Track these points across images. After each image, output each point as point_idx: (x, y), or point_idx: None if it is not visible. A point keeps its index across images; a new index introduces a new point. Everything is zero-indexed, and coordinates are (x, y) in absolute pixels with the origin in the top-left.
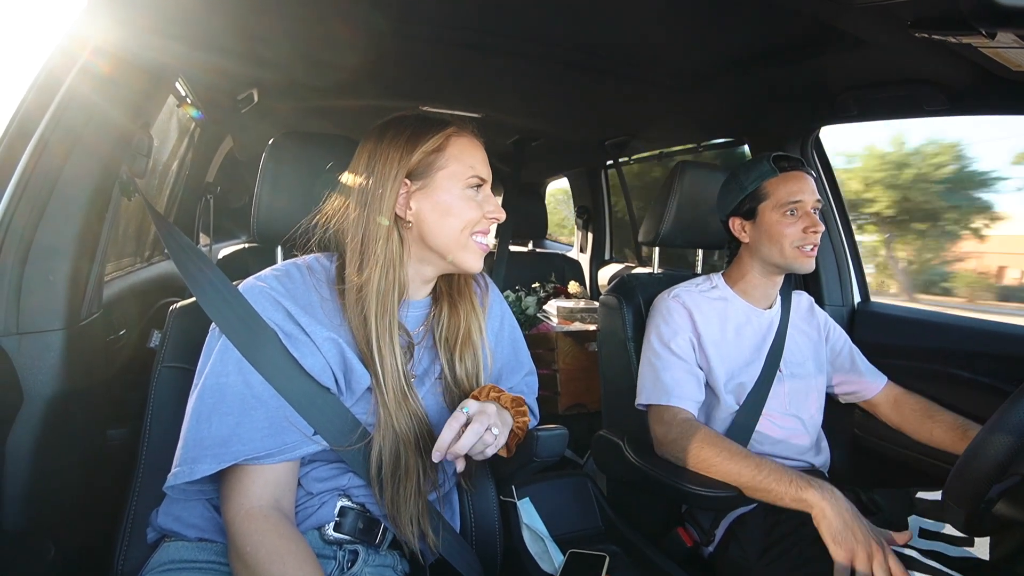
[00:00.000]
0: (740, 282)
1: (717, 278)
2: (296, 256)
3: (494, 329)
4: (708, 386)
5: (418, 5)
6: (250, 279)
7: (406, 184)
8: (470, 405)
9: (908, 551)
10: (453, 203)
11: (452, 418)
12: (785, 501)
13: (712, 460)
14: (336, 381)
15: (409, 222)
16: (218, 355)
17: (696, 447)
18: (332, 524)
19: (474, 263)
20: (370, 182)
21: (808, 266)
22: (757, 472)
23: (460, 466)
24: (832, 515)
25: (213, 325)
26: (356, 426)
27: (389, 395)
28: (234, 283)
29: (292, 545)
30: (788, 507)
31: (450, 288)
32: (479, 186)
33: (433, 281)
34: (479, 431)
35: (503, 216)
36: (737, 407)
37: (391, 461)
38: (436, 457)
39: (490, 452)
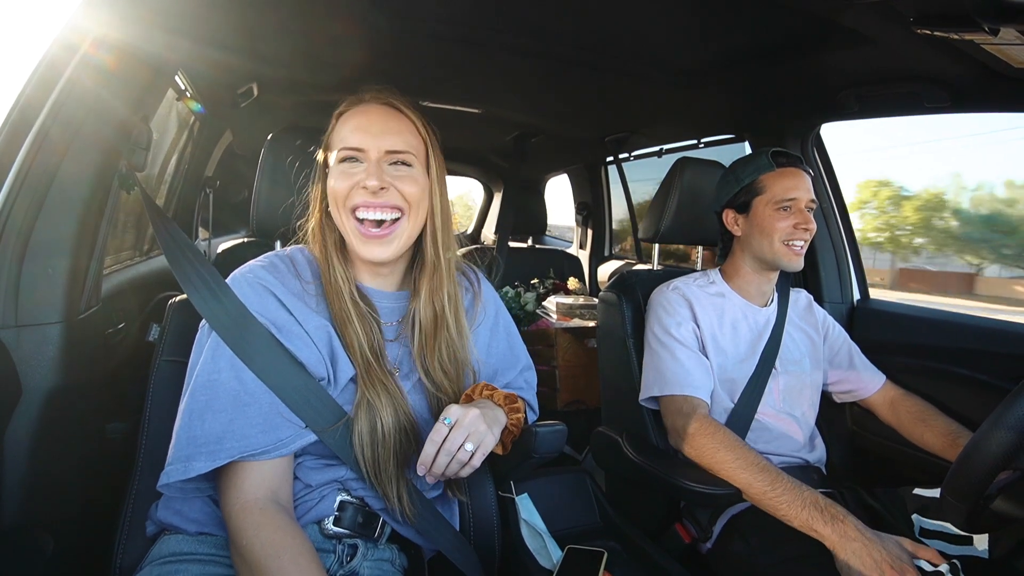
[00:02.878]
0: (735, 278)
1: (714, 274)
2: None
3: (488, 325)
4: None
5: (418, 1)
6: (236, 272)
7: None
8: (452, 413)
9: (941, 566)
10: (331, 182)
11: (434, 430)
12: (794, 524)
13: (728, 464)
14: (327, 371)
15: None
16: (209, 352)
17: (713, 448)
18: (332, 518)
19: (360, 248)
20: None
21: (796, 264)
22: (770, 488)
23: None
24: (843, 557)
25: (204, 321)
26: (342, 414)
27: (360, 369)
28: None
29: (288, 538)
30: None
31: (421, 278)
32: (351, 159)
33: (391, 276)
34: (451, 451)
35: (373, 183)
36: (731, 404)
37: (368, 431)
38: (420, 471)
39: (466, 472)
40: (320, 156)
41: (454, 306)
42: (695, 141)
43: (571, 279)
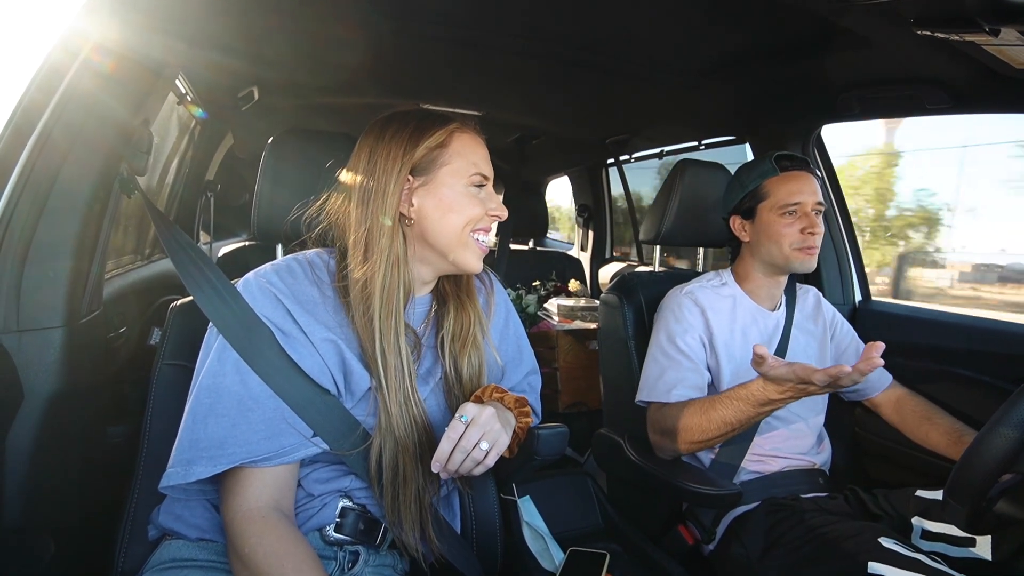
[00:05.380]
0: (746, 281)
1: (727, 275)
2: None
3: (499, 327)
4: (713, 387)
5: (418, 3)
6: (250, 275)
7: (408, 180)
8: (468, 411)
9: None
10: (456, 200)
11: (450, 427)
12: (777, 405)
13: (701, 425)
14: (335, 383)
15: (411, 219)
16: (215, 355)
17: (682, 427)
18: (333, 525)
19: (474, 263)
20: (372, 178)
21: (809, 265)
22: (740, 402)
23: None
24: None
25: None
26: (356, 427)
27: (391, 398)
28: (233, 281)
29: (291, 546)
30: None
31: (458, 289)
32: (481, 184)
33: (432, 283)
34: (467, 448)
35: (505, 214)
36: None
37: (391, 468)
38: (435, 468)
39: (480, 471)
40: (403, 168)
41: (476, 306)
42: (696, 143)
43: (572, 281)
